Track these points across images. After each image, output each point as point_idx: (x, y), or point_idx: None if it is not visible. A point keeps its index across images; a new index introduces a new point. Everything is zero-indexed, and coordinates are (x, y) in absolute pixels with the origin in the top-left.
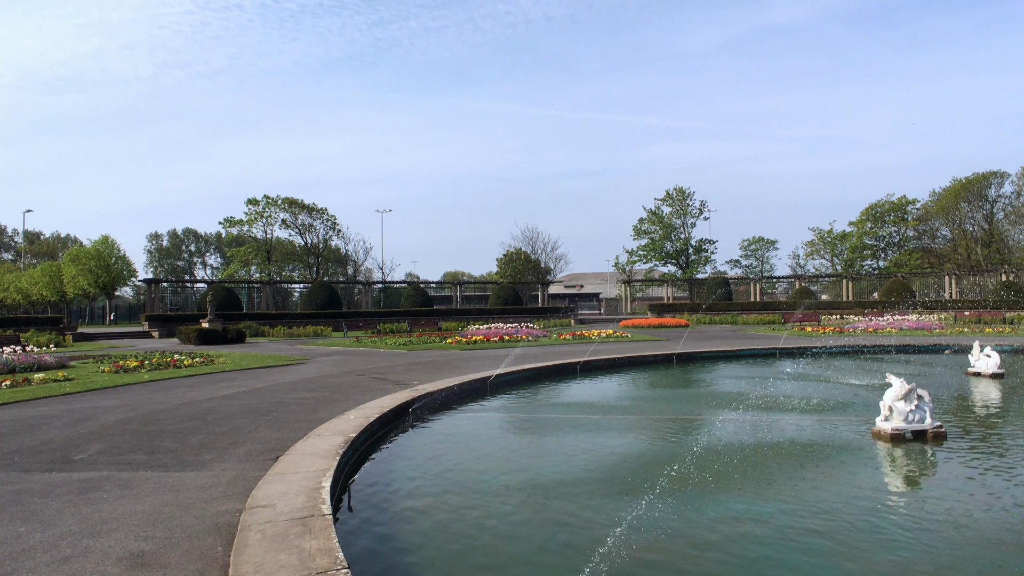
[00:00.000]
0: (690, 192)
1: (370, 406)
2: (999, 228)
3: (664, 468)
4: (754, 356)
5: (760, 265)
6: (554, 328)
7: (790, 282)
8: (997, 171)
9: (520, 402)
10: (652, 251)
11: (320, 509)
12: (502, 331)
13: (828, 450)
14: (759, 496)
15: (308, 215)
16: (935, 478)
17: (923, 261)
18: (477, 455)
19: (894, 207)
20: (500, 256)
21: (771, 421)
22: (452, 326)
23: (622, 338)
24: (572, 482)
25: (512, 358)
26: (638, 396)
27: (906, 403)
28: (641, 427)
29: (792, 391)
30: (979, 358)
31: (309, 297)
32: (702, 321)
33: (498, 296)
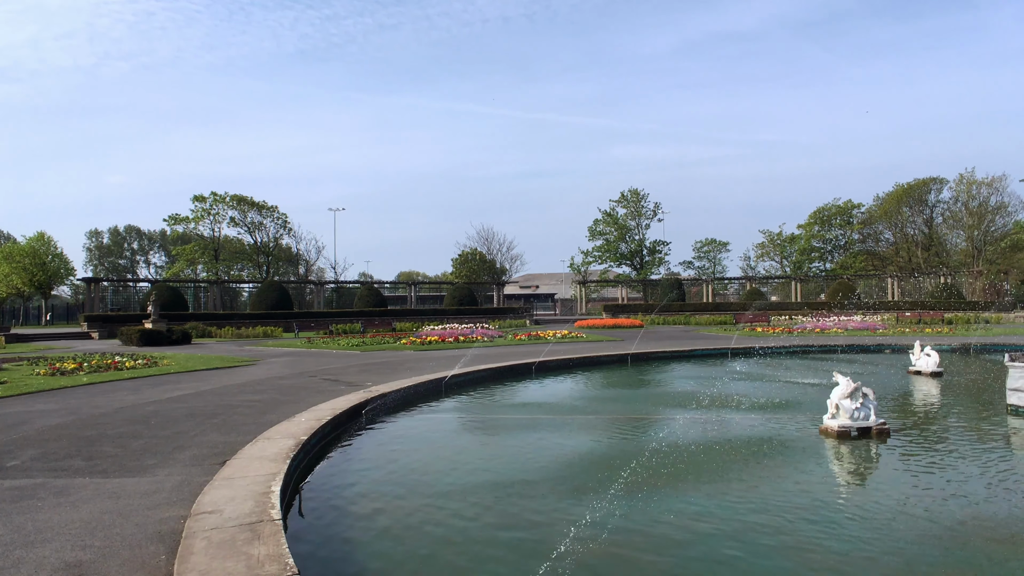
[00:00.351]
0: (644, 194)
1: (322, 408)
2: (938, 232)
3: (619, 467)
4: (706, 356)
5: (712, 266)
6: (510, 329)
7: (741, 283)
8: (937, 177)
9: (475, 403)
10: (607, 252)
11: (269, 514)
12: (457, 332)
13: (778, 447)
14: (712, 493)
15: (258, 213)
16: (879, 473)
17: (867, 264)
18: (432, 457)
19: (840, 211)
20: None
21: (723, 420)
22: (407, 327)
23: (577, 338)
24: (527, 482)
25: (467, 359)
26: (593, 396)
27: (852, 401)
28: (596, 427)
29: (743, 390)
30: (920, 357)
31: (259, 297)
32: (656, 322)
33: (453, 296)
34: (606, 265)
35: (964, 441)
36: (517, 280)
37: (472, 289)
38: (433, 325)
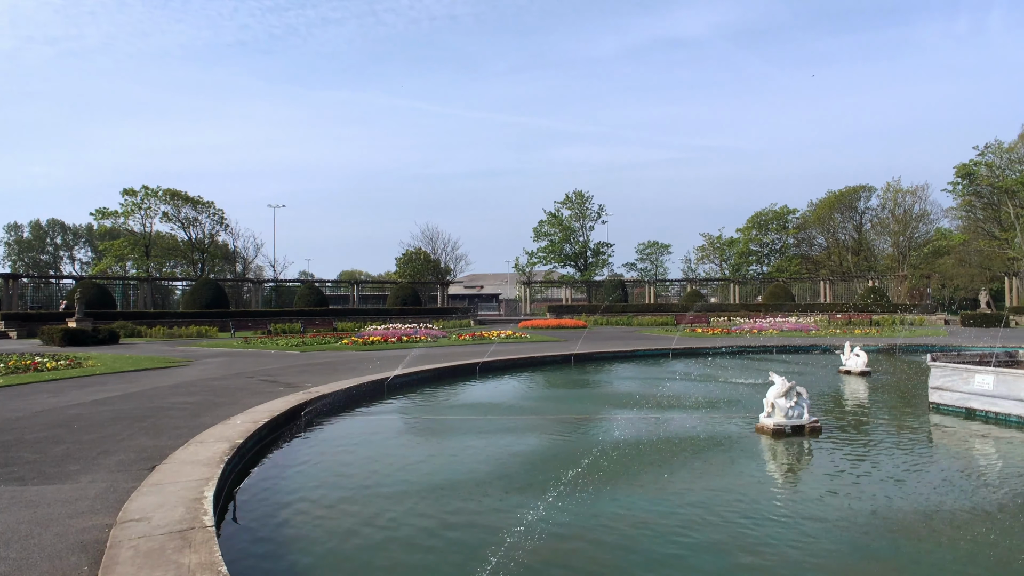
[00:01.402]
0: (589, 196)
1: (259, 410)
2: (867, 238)
3: (562, 467)
4: (648, 356)
5: (655, 268)
6: (454, 329)
7: (682, 285)
8: (866, 185)
9: (419, 403)
10: (552, 253)
11: (202, 521)
12: (400, 332)
13: (717, 445)
14: (653, 491)
15: (193, 208)
16: (811, 469)
17: (802, 267)
18: (373, 459)
19: (777, 216)
20: (399, 255)
21: (664, 419)
22: (348, 326)
23: (521, 339)
24: (471, 483)
25: (410, 359)
26: (537, 396)
27: (787, 400)
28: (540, 427)
29: (684, 390)
30: (849, 357)
31: (193, 295)
32: (599, 322)
33: (397, 296)
34: (551, 266)
35: (890, 437)
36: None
37: (416, 289)
38: (376, 325)
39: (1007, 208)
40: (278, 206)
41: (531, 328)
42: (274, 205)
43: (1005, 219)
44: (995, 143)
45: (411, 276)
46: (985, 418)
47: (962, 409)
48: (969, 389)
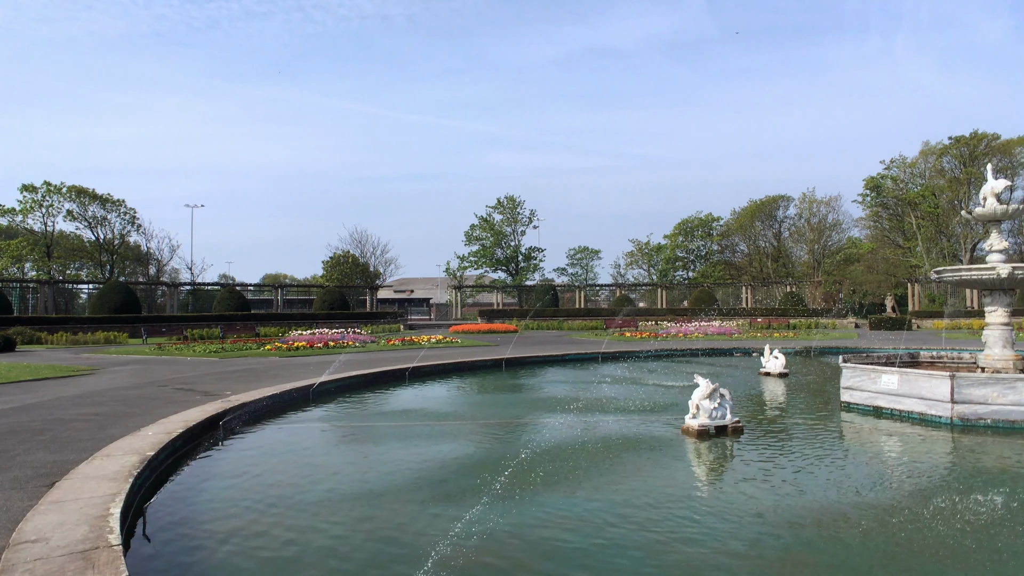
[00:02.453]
0: (521, 201)
1: (173, 420)
2: (785, 245)
3: (492, 472)
4: (578, 360)
5: (585, 273)
6: (383, 334)
7: (612, 290)
8: (784, 195)
9: (346, 410)
10: (483, 257)
11: (107, 540)
12: (327, 337)
13: (644, 447)
14: (581, 494)
15: (101, 206)
16: (733, 467)
17: (725, 273)
18: (296, 469)
19: (702, 223)
20: (327, 259)
21: (594, 422)
22: (272, 332)
23: (452, 343)
24: (399, 491)
25: (337, 365)
26: (468, 401)
27: (711, 401)
28: (470, 432)
29: (613, 393)
30: (769, 360)
31: (100, 299)
32: (530, 327)
33: (323, 300)
34: (482, 270)
35: (806, 435)
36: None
37: (344, 293)
38: (301, 330)
39: (910, 219)
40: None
41: (462, 333)
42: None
43: (908, 229)
44: (899, 158)
45: (339, 280)
46: (891, 415)
47: (870, 407)
48: (876, 388)
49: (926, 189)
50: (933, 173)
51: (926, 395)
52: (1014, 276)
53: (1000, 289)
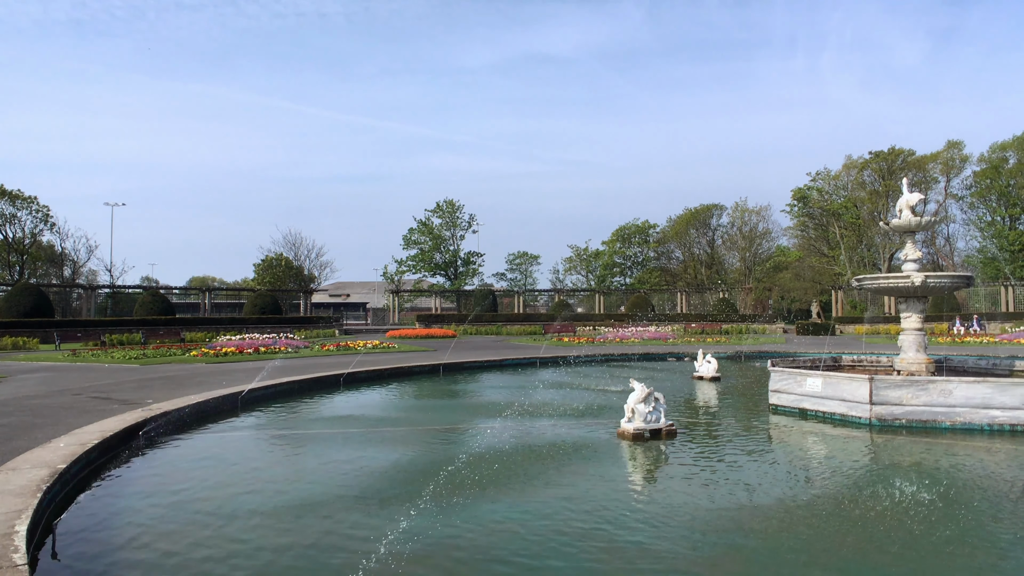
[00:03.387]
0: (460, 205)
1: (88, 430)
2: (718, 253)
3: (428, 478)
4: (517, 365)
5: (524, 278)
6: (317, 339)
7: (550, 295)
8: (717, 204)
9: (277, 418)
10: (422, 262)
11: (11, 559)
12: (258, 342)
13: (581, 451)
14: (518, 498)
15: (10, 203)
16: (668, 469)
17: (661, 279)
18: (223, 479)
19: (639, 230)
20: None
21: (531, 426)
22: (198, 337)
23: (389, 349)
24: (331, 500)
25: (268, 371)
26: (404, 407)
27: (645, 405)
28: (406, 438)
29: (550, 398)
30: (702, 364)
31: (8, 302)
32: (469, 332)
33: (254, 304)
34: (421, 275)
35: (736, 436)
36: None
37: (276, 297)
38: (230, 335)
39: (834, 229)
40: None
41: (399, 338)
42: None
43: (832, 238)
44: (824, 170)
45: (271, 283)
46: (815, 417)
47: (796, 409)
48: (802, 391)
49: (848, 201)
50: (855, 185)
51: (847, 397)
52: (927, 284)
53: (914, 296)
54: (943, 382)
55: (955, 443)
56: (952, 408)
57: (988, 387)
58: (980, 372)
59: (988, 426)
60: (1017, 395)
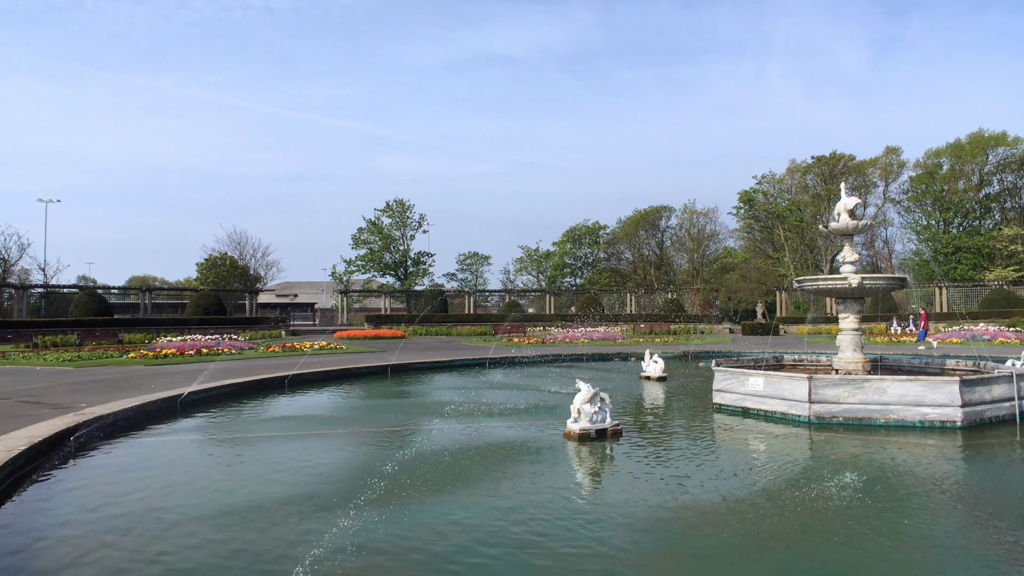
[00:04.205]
0: (410, 205)
1: (15, 436)
2: (667, 254)
3: (374, 480)
4: (466, 366)
5: (475, 279)
6: (262, 340)
7: (501, 296)
8: (666, 206)
9: (218, 422)
10: (371, 262)
11: None
12: (200, 344)
13: (527, 452)
14: (463, 500)
15: None
16: (612, 469)
17: (611, 280)
18: (160, 486)
19: (589, 231)
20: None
21: (478, 427)
22: (138, 338)
23: (336, 350)
24: (274, 504)
25: (210, 373)
26: (351, 409)
27: (592, 405)
28: (352, 440)
29: (499, 398)
30: (649, 364)
31: None
32: (419, 332)
33: (197, 305)
34: (370, 275)
35: (680, 436)
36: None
37: (220, 297)
38: (171, 336)
39: (778, 231)
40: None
41: (348, 339)
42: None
43: (777, 240)
44: (769, 174)
45: (215, 283)
46: (757, 415)
47: (739, 408)
48: (744, 390)
49: (792, 204)
50: (798, 189)
51: (787, 396)
52: (863, 286)
53: (851, 298)
54: (878, 381)
55: (889, 439)
56: (886, 406)
57: (920, 385)
58: (914, 371)
59: (920, 423)
60: (946, 393)
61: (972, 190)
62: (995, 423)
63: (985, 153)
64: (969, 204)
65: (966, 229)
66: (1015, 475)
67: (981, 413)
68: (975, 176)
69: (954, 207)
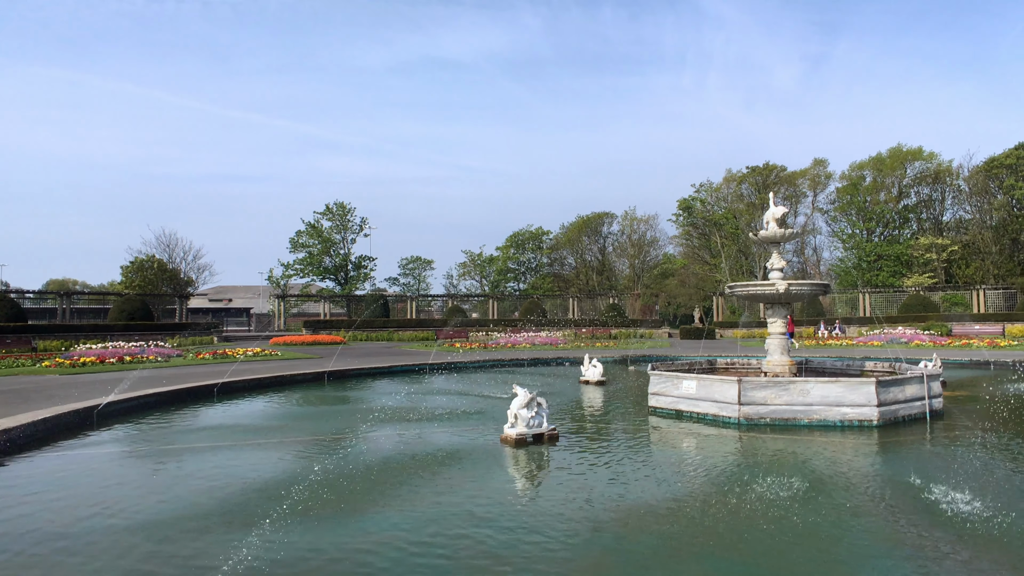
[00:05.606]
0: (352, 208)
1: None
2: (609, 260)
3: (306, 490)
4: (406, 372)
5: (417, 284)
6: (192, 347)
7: (444, 301)
8: (608, 212)
9: (139, 433)
10: (310, 265)
11: None
12: (123, 351)
13: (464, 457)
14: (397, 509)
15: None
16: (548, 473)
17: (554, 285)
18: (70, 503)
19: (533, 236)
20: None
21: (416, 434)
22: (54, 346)
23: (271, 356)
24: (194, 518)
25: (132, 382)
26: (284, 417)
27: (528, 410)
28: (283, 449)
29: (437, 404)
30: (588, 368)
31: None
32: (359, 338)
33: (122, 310)
34: (309, 279)
35: (616, 439)
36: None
37: (148, 302)
38: (92, 343)
39: (716, 238)
40: None
41: (284, 345)
42: None
43: (714, 247)
44: (707, 183)
45: (142, 287)
46: (690, 418)
47: (673, 411)
48: (678, 393)
49: (728, 212)
50: (734, 197)
51: (719, 398)
52: (790, 292)
53: (779, 303)
54: (802, 382)
55: (812, 439)
56: (810, 406)
57: (840, 387)
58: (836, 372)
59: (840, 422)
60: (864, 393)
61: (892, 201)
62: (908, 421)
63: (904, 167)
64: (889, 214)
65: (886, 238)
66: (923, 470)
67: (895, 412)
68: (895, 188)
69: (876, 217)
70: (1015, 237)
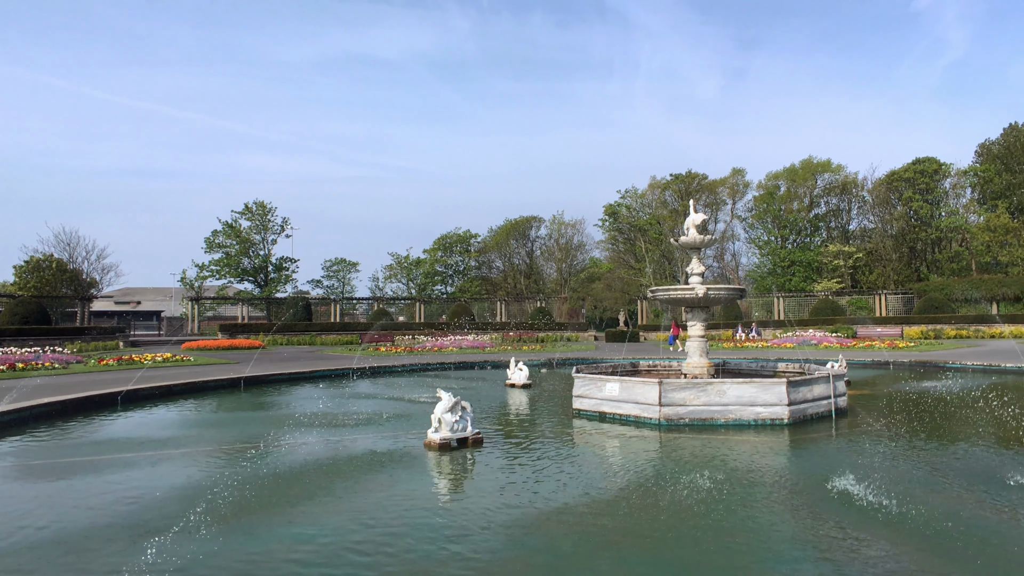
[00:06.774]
0: (272, 207)
1: None
2: (537, 263)
3: (214, 501)
4: (328, 377)
5: (342, 286)
6: (95, 352)
7: (370, 304)
8: (537, 216)
9: (30, 446)
10: (227, 267)
11: None
12: (15, 357)
13: (386, 463)
14: (315, 517)
15: None
16: (472, 477)
17: (482, 288)
18: None
19: (461, 239)
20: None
21: (336, 440)
22: None
23: (183, 362)
24: (92, 532)
25: (24, 391)
26: (195, 425)
27: (452, 414)
28: (192, 460)
29: (360, 409)
30: (514, 372)
31: None
32: (279, 342)
33: (14, 313)
34: (226, 281)
35: (540, 441)
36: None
37: (45, 304)
38: None
39: (640, 243)
40: None
41: (198, 349)
42: None
43: (639, 252)
44: (632, 189)
45: (38, 289)
46: (613, 419)
47: (596, 413)
48: (602, 395)
49: (652, 218)
50: (658, 204)
51: (640, 400)
52: (708, 296)
53: (699, 306)
54: (719, 384)
55: (729, 438)
56: (726, 407)
57: (754, 387)
58: (752, 374)
59: (754, 421)
60: (776, 393)
61: (804, 210)
62: (815, 419)
63: (814, 177)
64: (801, 223)
65: (799, 245)
66: (828, 465)
67: (804, 411)
68: (806, 198)
69: (789, 225)
70: (912, 246)
